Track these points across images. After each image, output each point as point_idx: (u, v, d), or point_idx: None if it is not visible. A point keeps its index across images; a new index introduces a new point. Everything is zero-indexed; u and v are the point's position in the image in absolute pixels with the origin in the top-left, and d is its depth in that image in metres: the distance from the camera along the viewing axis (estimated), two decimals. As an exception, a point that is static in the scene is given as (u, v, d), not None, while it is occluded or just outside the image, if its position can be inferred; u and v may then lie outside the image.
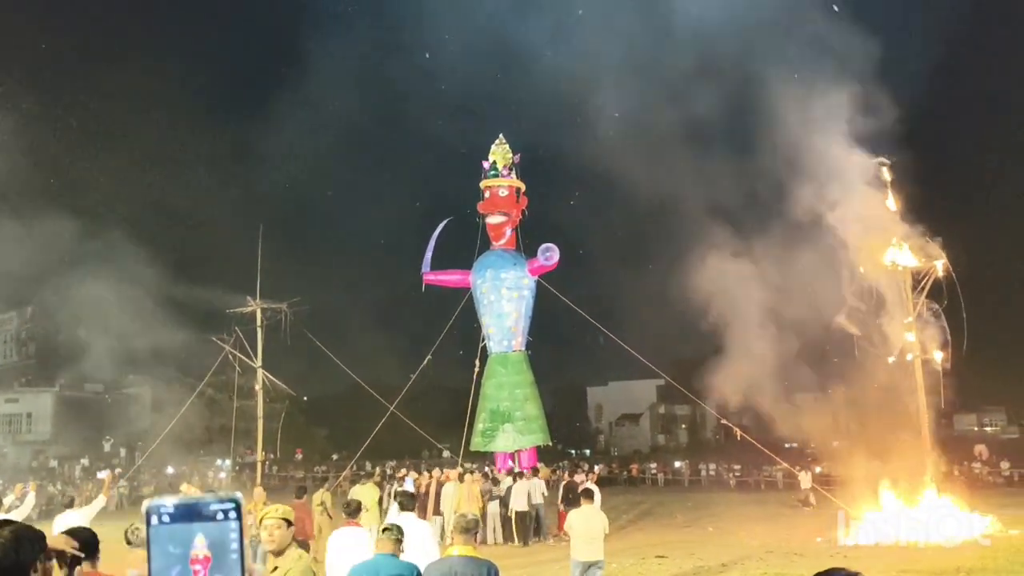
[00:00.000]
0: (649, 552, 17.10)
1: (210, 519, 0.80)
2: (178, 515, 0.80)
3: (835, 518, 20.33)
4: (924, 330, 21.39)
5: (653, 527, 23.09)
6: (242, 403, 32.97)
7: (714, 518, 24.92)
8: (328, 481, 22.13)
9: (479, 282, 25.46)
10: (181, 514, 0.80)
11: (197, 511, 0.80)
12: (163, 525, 0.80)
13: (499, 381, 25.01)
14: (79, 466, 50.29)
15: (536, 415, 25.08)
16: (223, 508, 0.80)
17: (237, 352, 25.33)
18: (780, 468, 35.13)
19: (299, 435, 59.73)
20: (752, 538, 19.48)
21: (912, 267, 21.27)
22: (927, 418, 21.27)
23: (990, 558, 14.89)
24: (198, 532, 0.79)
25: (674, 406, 78.13)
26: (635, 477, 47.47)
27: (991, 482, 34.87)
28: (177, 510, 0.80)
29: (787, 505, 27.91)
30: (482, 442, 25.01)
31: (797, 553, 16.77)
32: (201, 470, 44.09)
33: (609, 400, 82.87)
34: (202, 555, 0.79)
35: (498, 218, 25.70)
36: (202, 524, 0.79)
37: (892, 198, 21.60)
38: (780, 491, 36.12)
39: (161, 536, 0.79)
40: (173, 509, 0.80)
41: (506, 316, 25.13)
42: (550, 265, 25.03)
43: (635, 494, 37.25)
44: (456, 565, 5.68)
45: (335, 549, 8.14)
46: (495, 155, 26.33)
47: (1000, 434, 61.98)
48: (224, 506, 0.80)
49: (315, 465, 53.73)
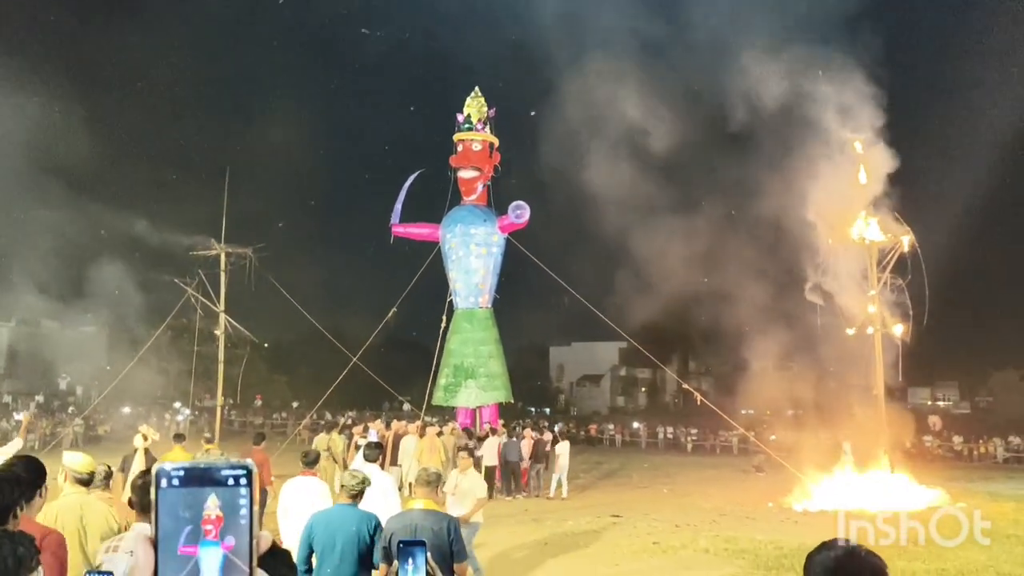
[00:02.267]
0: (604, 511, 17.31)
1: (221, 484, 0.79)
2: (188, 479, 0.79)
3: (787, 484, 20.75)
4: (886, 304, 21.68)
5: (609, 487, 23.36)
6: (203, 347, 32.67)
7: (669, 480, 25.28)
8: (340, 427, 22.20)
9: (448, 236, 25.29)
10: (191, 478, 0.79)
11: (208, 476, 0.79)
12: (172, 488, 0.79)
13: (464, 337, 24.98)
14: (33, 403, 49.75)
15: (499, 372, 25.13)
16: (234, 474, 0.80)
17: (199, 295, 25.01)
18: (736, 433, 35.66)
19: (260, 381, 59.48)
20: (706, 501, 19.79)
21: (879, 242, 21.49)
22: (883, 390, 21.64)
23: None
24: (210, 494, 0.79)
25: (635, 369, 78.85)
26: (593, 437, 47.92)
27: (941, 455, 35.63)
28: (187, 474, 0.80)
29: (741, 470, 28.36)
30: (444, 397, 25.05)
31: (749, 517, 17.07)
32: (159, 412, 43.76)
33: (571, 360, 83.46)
34: (214, 515, 0.79)
35: (470, 172, 25.46)
36: (212, 488, 0.79)
37: (864, 172, 21.72)
38: (735, 456, 36.69)
39: (169, 499, 0.79)
40: (183, 473, 0.80)
41: (474, 272, 25.03)
42: (520, 223, 24.88)
43: (593, 454, 37.59)
44: (417, 518, 5.66)
45: (288, 498, 8.09)
46: (470, 108, 26.02)
47: (952, 408, 63.42)
48: (235, 472, 0.80)
49: (274, 412, 53.60)
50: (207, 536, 0.78)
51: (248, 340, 30.53)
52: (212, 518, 0.78)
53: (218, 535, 0.78)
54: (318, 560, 5.72)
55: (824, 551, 2.23)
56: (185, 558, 0.77)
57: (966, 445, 38.39)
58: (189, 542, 0.78)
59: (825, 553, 2.22)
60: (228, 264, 24.53)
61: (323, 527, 5.77)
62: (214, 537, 0.78)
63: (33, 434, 34.01)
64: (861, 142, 21.77)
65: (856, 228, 21.53)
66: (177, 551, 0.77)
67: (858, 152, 21.74)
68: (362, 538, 5.68)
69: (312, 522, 5.91)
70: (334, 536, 5.66)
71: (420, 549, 2.55)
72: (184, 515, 0.78)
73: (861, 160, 21.73)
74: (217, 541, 0.78)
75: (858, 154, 21.77)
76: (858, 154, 21.77)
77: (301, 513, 7.53)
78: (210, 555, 0.77)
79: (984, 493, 22.01)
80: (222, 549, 0.78)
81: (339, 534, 5.68)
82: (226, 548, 0.78)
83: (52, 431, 34.77)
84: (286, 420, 48.30)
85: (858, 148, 21.73)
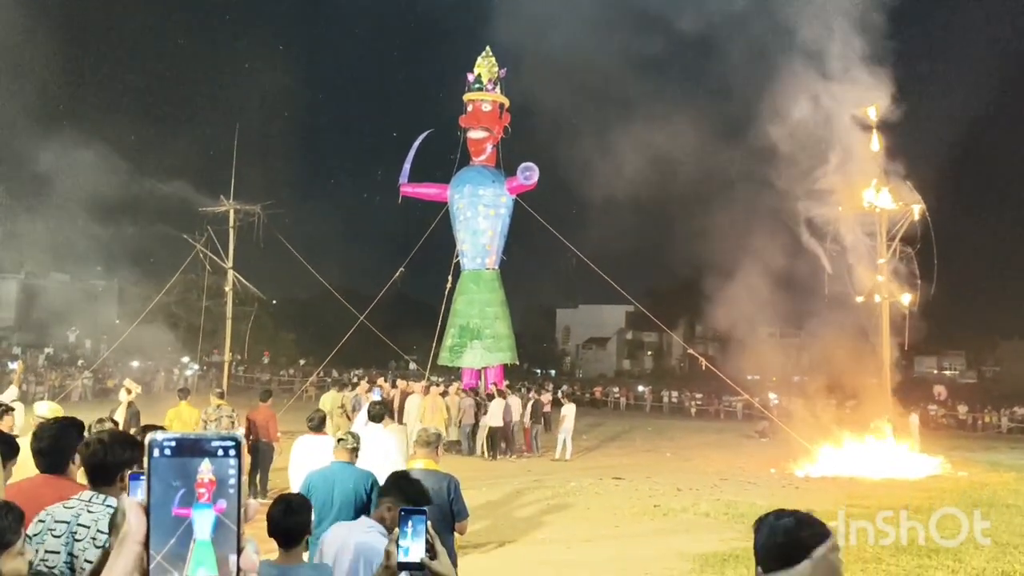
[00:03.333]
0: (607, 473, 17.44)
1: (211, 454, 0.84)
2: (179, 449, 0.84)
3: (790, 450, 20.84)
4: (894, 273, 21.61)
5: (613, 450, 23.52)
6: (211, 303, 32.81)
7: (673, 444, 25.42)
8: (349, 385, 22.36)
9: (456, 197, 25.19)
10: (182, 448, 0.84)
11: (198, 446, 0.84)
12: (164, 458, 0.84)
13: (470, 298, 24.99)
14: (43, 355, 50.10)
15: (505, 334, 25.16)
16: (223, 445, 0.84)
17: (208, 252, 25.04)
18: (740, 399, 35.76)
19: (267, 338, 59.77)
20: (708, 465, 19.91)
21: (889, 210, 21.36)
22: (889, 359, 21.65)
23: (937, 498, 15.29)
24: (204, 460, 0.84)
25: (642, 333, 78.97)
26: (598, 400, 48.13)
27: (945, 424, 35.68)
28: (179, 444, 0.84)
29: (745, 435, 28.48)
30: (450, 357, 25.12)
31: (751, 482, 17.17)
32: (167, 367, 44.03)
33: (578, 323, 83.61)
34: (207, 479, 0.83)
35: (479, 133, 25.29)
36: (203, 459, 0.84)
37: (877, 139, 21.54)
38: (739, 421, 36.84)
39: (162, 468, 0.83)
40: (175, 443, 0.84)
41: (481, 233, 24.97)
42: (529, 184, 24.74)
43: (597, 417, 37.77)
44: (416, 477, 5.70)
45: (299, 455, 8.19)
46: (480, 68, 25.76)
47: (959, 378, 63.34)
48: (224, 443, 0.84)
49: (281, 369, 53.88)
50: (200, 499, 0.83)
51: (256, 297, 30.66)
52: (205, 481, 0.83)
53: (211, 498, 0.83)
54: (316, 517, 5.76)
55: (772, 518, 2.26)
56: (179, 520, 0.82)
57: (971, 415, 38.43)
58: (183, 504, 0.82)
59: (774, 520, 2.25)
60: (237, 221, 24.54)
61: (321, 484, 5.84)
62: (207, 500, 0.83)
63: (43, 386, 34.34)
64: (876, 108, 21.56)
65: (867, 196, 21.40)
66: (171, 513, 0.82)
67: (871, 119, 21.54)
68: (359, 496, 5.74)
69: (310, 479, 6.00)
70: (332, 493, 5.72)
71: (421, 517, 2.57)
72: (175, 484, 0.83)
73: (874, 127, 21.54)
74: (210, 504, 0.83)
75: (871, 121, 21.57)
76: (871, 121, 21.57)
77: (308, 470, 7.66)
78: (203, 516, 0.82)
79: (985, 463, 22.07)
80: (214, 511, 0.83)
81: (337, 491, 5.74)
82: (218, 511, 0.83)
83: (61, 384, 35.06)
84: (293, 377, 48.57)
85: (871, 114, 21.53)
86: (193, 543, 0.82)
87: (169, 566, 0.82)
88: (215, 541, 0.83)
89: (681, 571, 9.23)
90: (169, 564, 0.82)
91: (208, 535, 0.82)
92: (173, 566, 0.82)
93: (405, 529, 2.58)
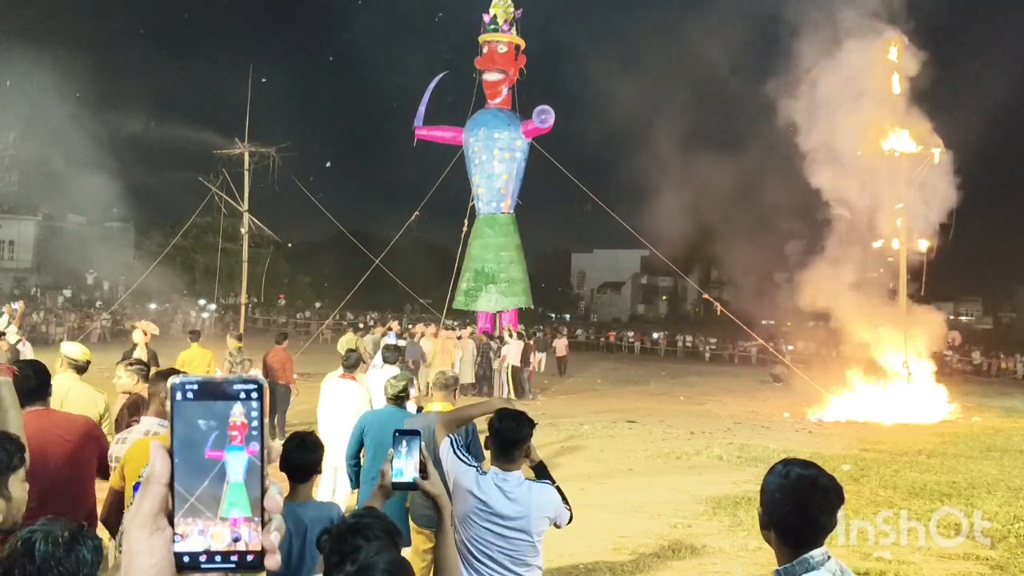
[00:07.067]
0: (620, 417, 17.56)
1: (235, 397, 0.85)
2: (202, 392, 0.85)
3: (805, 394, 20.90)
4: (913, 218, 21.38)
5: (627, 393, 23.63)
6: (227, 246, 32.91)
7: (686, 388, 25.55)
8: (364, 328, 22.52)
9: (471, 140, 24.99)
10: (206, 391, 0.85)
11: (221, 390, 0.85)
12: (187, 401, 0.85)
13: (485, 242, 24.94)
14: (61, 296, 50.58)
15: (520, 278, 25.15)
16: (246, 388, 0.85)
17: (223, 194, 25.00)
18: (754, 344, 35.78)
19: (283, 281, 60.12)
20: (722, 409, 20.02)
21: (910, 153, 21.06)
22: (906, 304, 21.56)
23: (951, 442, 15.36)
24: (235, 404, 0.85)
25: (656, 277, 78.93)
26: (612, 344, 48.32)
27: (960, 370, 35.64)
28: (201, 387, 0.85)
29: (759, 380, 28.56)
30: (465, 301, 25.17)
31: (764, 426, 17.27)
32: (185, 309, 44.41)
33: (593, 267, 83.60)
34: (240, 422, 0.85)
35: (495, 75, 24.97)
36: (227, 403, 0.85)
37: (898, 80, 21.15)
38: (753, 366, 36.94)
39: (185, 410, 0.84)
40: (197, 387, 0.85)
41: (496, 177, 24.82)
42: (545, 128, 24.49)
43: (611, 361, 37.98)
44: (434, 420, 5.76)
45: (328, 398, 8.30)
46: (496, 8, 25.34)
47: (975, 324, 63.12)
48: (247, 386, 0.85)
49: (297, 312, 54.28)
50: (233, 441, 0.84)
51: (272, 240, 30.70)
52: (238, 424, 0.84)
53: (243, 441, 0.84)
54: (368, 457, 6.13)
55: (782, 466, 2.40)
56: (212, 462, 0.84)
57: (986, 360, 38.38)
58: (216, 447, 0.84)
59: (784, 468, 2.38)
60: (252, 164, 24.46)
61: (375, 426, 6.11)
62: (240, 442, 0.84)
63: (62, 327, 34.72)
64: (897, 45, 21.12)
65: (888, 139, 21.09)
66: (204, 455, 0.84)
67: (892, 60, 21.13)
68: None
69: (365, 420, 6.30)
70: (384, 435, 5.84)
71: (414, 438, 2.67)
72: (206, 424, 0.84)
73: (895, 68, 21.14)
74: (242, 446, 0.84)
75: (892, 61, 21.16)
76: (892, 61, 21.16)
77: (338, 415, 7.81)
78: (236, 459, 0.84)
79: (999, 408, 22.12)
80: (247, 454, 0.84)
81: (389, 434, 5.85)
82: (250, 453, 0.85)
83: (80, 325, 35.46)
84: (309, 320, 48.92)
85: (892, 55, 21.11)
86: (226, 485, 0.84)
87: (203, 507, 0.83)
88: (247, 483, 0.84)
89: (694, 513, 9.34)
90: (203, 505, 0.84)
91: (242, 477, 0.84)
92: (207, 507, 0.83)
93: (399, 449, 2.66)
